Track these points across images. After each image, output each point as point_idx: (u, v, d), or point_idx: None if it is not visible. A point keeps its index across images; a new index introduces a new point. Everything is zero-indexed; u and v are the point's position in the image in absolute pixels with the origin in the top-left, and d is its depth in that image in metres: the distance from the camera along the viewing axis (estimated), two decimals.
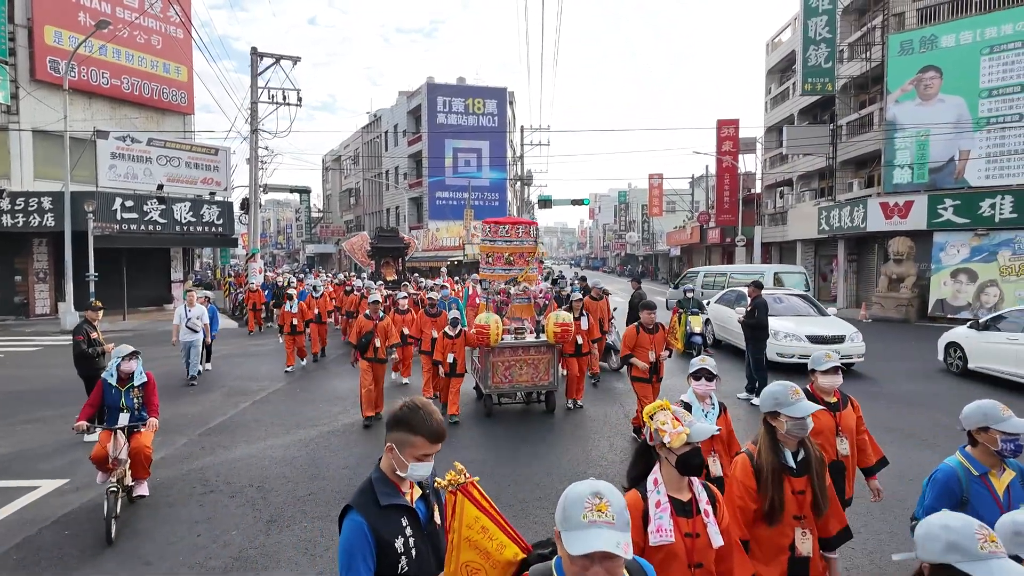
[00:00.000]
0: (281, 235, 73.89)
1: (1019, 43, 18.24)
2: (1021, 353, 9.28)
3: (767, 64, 33.77)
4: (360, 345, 8.00)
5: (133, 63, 23.05)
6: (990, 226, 17.97)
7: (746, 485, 2.73)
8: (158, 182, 22.31)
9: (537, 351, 8.15)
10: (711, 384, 3.94)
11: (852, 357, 10.77)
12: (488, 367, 8.01)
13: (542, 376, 8.20)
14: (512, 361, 8.08)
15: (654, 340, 6.93)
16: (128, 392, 5.37)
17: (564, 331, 7.87)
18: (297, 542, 4.69)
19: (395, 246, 19.13)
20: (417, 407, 1.96)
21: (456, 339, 8.06)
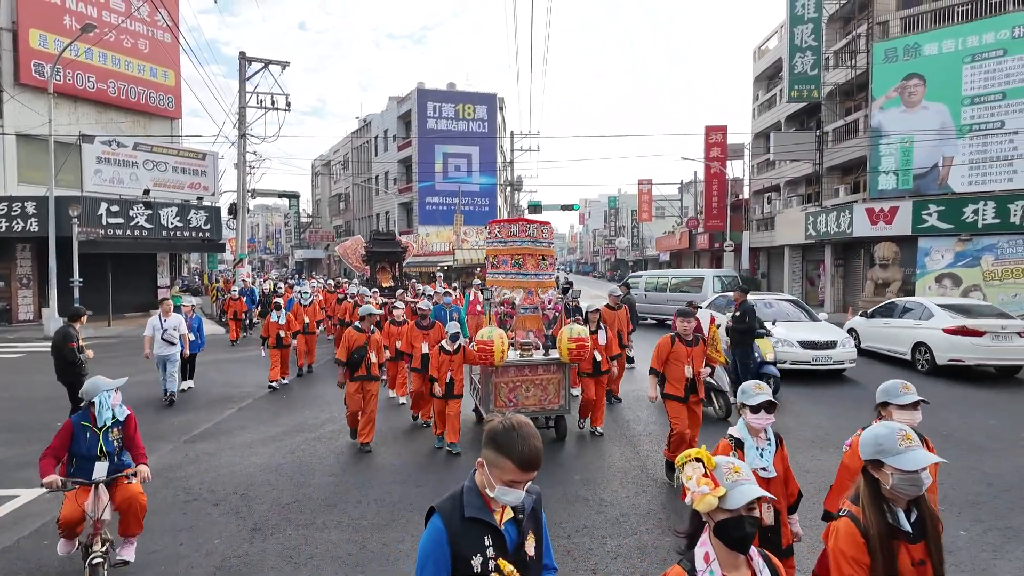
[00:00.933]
0: (270, 240, 73.51)
1: (1000, 52, 18.55)
2: (890, 334, 12.49)
3: (754, 71, 34.10)
4: (351, 362, 6.96)
5: (119, 67, 22.87)
6: (973, 232, 18.21)
7: (858, 560, 2.09)
8: (144, 187, 22.11)
9: (546, 371, 7.19)
10: (771, 416, 3.23)
11: (844, 363, 10.76)
12: (490, 388, 7.03)
13: (552, 399, 7.24)
14: (518, 382, 7.09)
15: (692, 353, 5.87)
16: (106, 435, 4.12)
17: (580, 348, 6.84)
18: (281, 550, 4.64)
19: (392, 250, 17.40)
20: (512, 428, 1.75)
21: (455, 355, 6.90)
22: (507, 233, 7.79)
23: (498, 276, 7.88)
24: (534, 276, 7.77)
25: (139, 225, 20.73)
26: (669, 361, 5.93)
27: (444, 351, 6.92)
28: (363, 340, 7.02)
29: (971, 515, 5.17)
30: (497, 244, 7.96)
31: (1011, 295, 17.51)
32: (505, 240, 7.80)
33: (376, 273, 17.05)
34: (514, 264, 7.74)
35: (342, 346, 7.08)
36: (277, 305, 10.93)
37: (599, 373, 7.50)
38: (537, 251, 7.79)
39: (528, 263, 7.75)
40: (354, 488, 5.88)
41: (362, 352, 6.98)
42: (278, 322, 10.61)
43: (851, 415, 8.30)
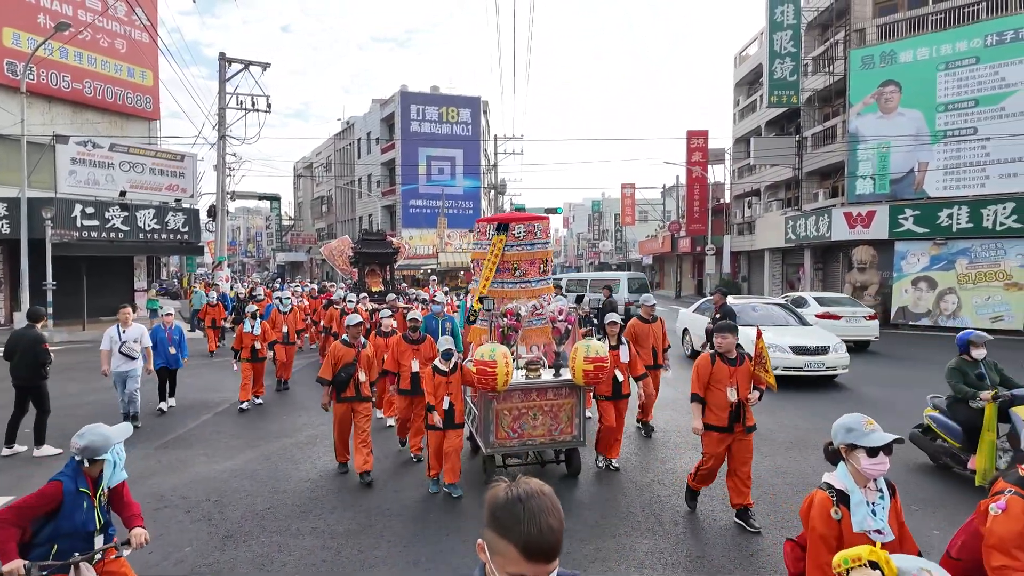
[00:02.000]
0: (251, 243, 72.71)
1: (972, 60, 18.95)
2: None
3: (735, 77, 34.49)
4: (337, 381, 6.08)
5: (96, 67, 22.49)
6: (948, 235, 18.55)
7: None
8: (121, 188, 21.74)
9: (557, 394, 5.93)
10: (887, 461, 2.48)
11: (836, 368, 10.44)
12: (490, 416, 5.79)
13: (563, 428, 5.97)
14: (523, 409, 5.87)
15: (736, 374, 4.88)
16: (100, 501, 3.08)
17: (599, 369, 5.65)
18: (254, 558, 4.54)
19: (382, 251, 15.67)
20: (518, 499, 1.29)
21: (451, 376, 5.69)
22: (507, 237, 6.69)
23: (496, 287, 6.72)
24: (534, 284, 6.75)
25: (115, 227, 20.36)
26: (710, 385, 5.00)
27: (439, 372, 5.69)
28: (351, 356, 6.14)
29: (943, 515, 5.22)
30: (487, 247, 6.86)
31: (984, 297, 17.85)
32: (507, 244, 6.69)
33: (365, 276, 15.32)
34: (514, 271, 6.68)
35: (326, 362, 6.19)
36: (252, 314, 9.60)
37: (620, 396, 6.36)
38: (538, 255, 6.77)
39: (530, 270, 6.70)
40: (330, 494, 5.79)
41: (350, 370, 6.11)
42: (251, 333, 9.32)
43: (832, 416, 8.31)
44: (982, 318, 17.64)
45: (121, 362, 7.93)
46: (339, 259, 19.85)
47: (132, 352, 7.97)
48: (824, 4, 24.49)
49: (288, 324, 10.80)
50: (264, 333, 9.52)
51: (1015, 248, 17.47)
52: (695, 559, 4.51)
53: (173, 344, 9.04)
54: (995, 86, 18.58)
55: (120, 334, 7.91)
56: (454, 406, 5.67)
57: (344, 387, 6.13)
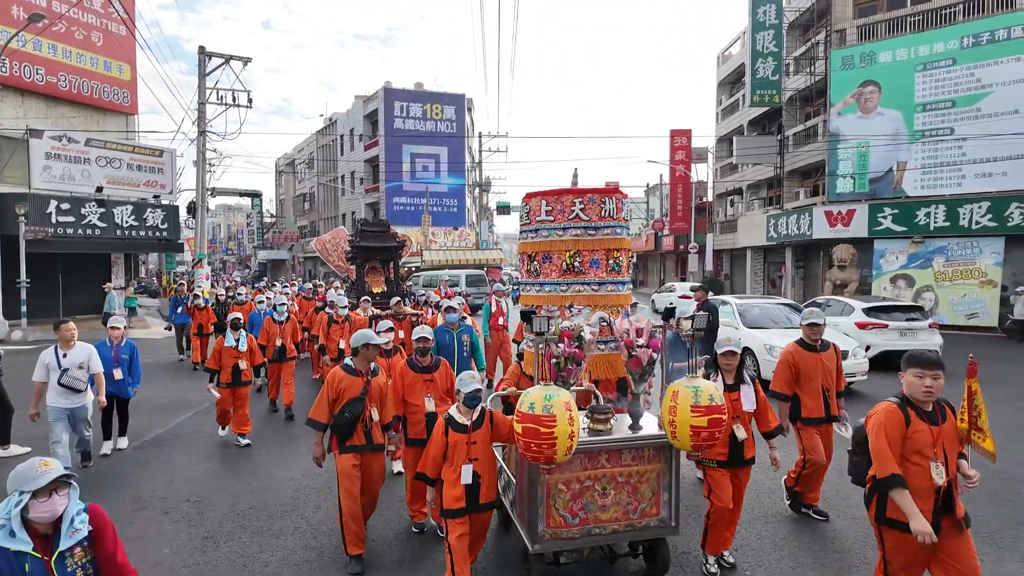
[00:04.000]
0: (232, 241, 71.81)
1: (949, 61, 19.26)
2: None
3: (718, 76, 34.75)
4: (342, 424, 4.30)
5: (71, 60, 21.99)
6: (926, 234, 18.86)
7: None
8: (97, 184, 21.30)
9: (638, 458, 3.94)
10: None
11: (855, 375, 9.29)
12: (539, 494, 3.75)
13: (647, 509, 3.95)
14: (587, 480, 3.84)
15: (941, 435, 3.07)
16: (61, 564, 2.31)
17: (716, 424, 3.60)
18: (234, 559, 4.47)
19: (385, 245, 13.12)
20: None
21: (476, 433, 3.78)
22: (555, 213, 4.81)
23: (546, 290, 4.85)
24: (600, 287, 4.72)
25: (92, 224, 19.96)
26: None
27: (456, 427, 3.77)
28: (358, 388, 4.36)
29: None
30: (541, 235, 4.93)
31: (960, 295, 18.18)
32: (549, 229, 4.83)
33: (364, 275, 12.84)
34: (568, 267, 4.73)
35: (321, 397, 4.37)
36: (235, 323, 7.39)
37: (740, 463, 4.25)
38: (607, 244, 4.77)
39: (595, 266, 4.76)
40: (313, 493, 5.71)
41: (356, 409, 4.31)
42: (235, 348, 7.23)
43: None
44: (958, 315, 17.97)
45: (61, 396, 5.80)
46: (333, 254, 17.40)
47: (76, 383, 5.82)
48: (805, 5, 24.75)
49: (285, 336, 8.74)
50: (251, 350, 7.43)
51: (990, 246, 17.81)
52: None
53: (121, 366, 6.74)
54: (971, 87, 18.91)
55: (59, 359, 5.84)
56: (480, 479, 3.74)
57: (349, 432, 4.33)
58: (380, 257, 13.26)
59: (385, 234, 13.53)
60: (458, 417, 3.81)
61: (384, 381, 4.71)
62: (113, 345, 6.81)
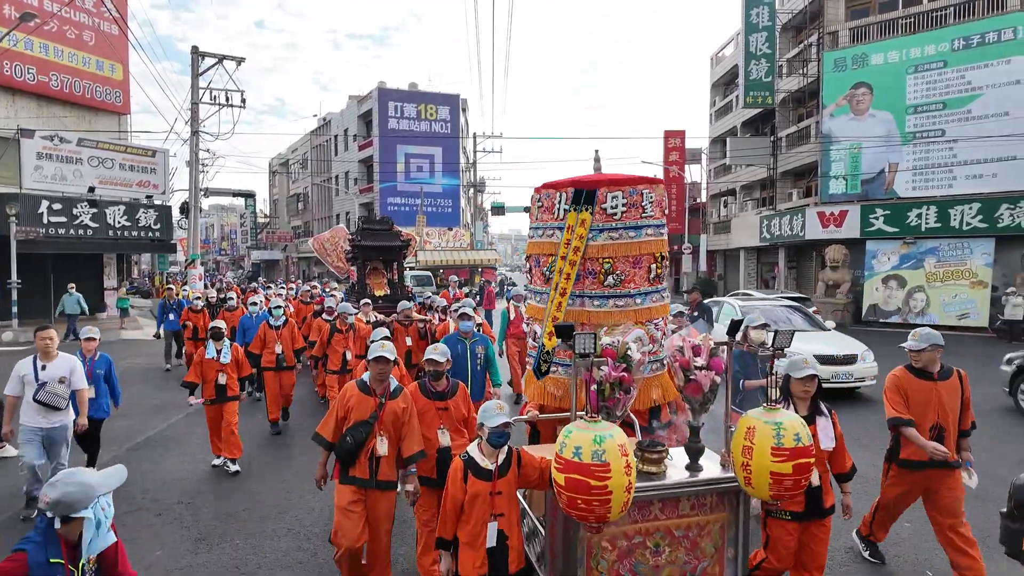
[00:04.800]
0: (225, 241, 71.53)
1: (940, 63, 19.41)
2: None
3: (712, 77, 34.88)
4: (342, 448, 3.72)
5: (63, 59, 21.86)
6: (917, 235, 18.99)
7: None
8: (89, 184, 21.19)
9: (698, 507, 3.23)
10: None
11: (864, 380, 9.21)
12: (576, 553, 3.02)
13: (709, 569, 3.24)
14: (638, 536, 3.13)
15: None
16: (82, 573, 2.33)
17: (803, 470, 2.88)
18: (228, 561, 4.47)
19: (388, 244, 12.11)
20: None
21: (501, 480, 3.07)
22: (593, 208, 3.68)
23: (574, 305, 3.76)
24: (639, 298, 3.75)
25: (84, 224, 19.85)
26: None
27: (478, 473, 3.04)
28: (368, 410, 3.73)
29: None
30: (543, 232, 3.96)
31: (951, 296, 18.31)
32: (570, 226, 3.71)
33: (366, 277, 11.90)
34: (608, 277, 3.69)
35: (331, 412, 3.84)
36: (216, 332, 6.51)
37: (817, 514, 3.53)
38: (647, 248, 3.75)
39: (633, 273, 3.72)
40: (306, 495, 5.71)
41: (361, 434, 3.69)
42: (217, 360, 6.37)
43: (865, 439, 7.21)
44: (949, 315, 18.11)
45: (38, 415, 5.04)
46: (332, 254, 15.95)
47: (55, 400, 5.00)
48: (798, 7, 24.89)
49: (283, 343, 7.93)
50: (237, 361, 6.55)
51: (980, 247, 17.95)
52: None
53: (95, 383, 5.78)
54: (961, 89, 19.06)
55: (37, 371, 5.08)
56: (507, 541, 3.06)
57: (351, 460, 3.70)
58: (383, 257, 12.19)
59: (388, 233, 12.41)
60: (480, 460, 3.05)
61: (405, 406, 3.83)
62: (86, 359, 5.78)
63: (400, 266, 12.62)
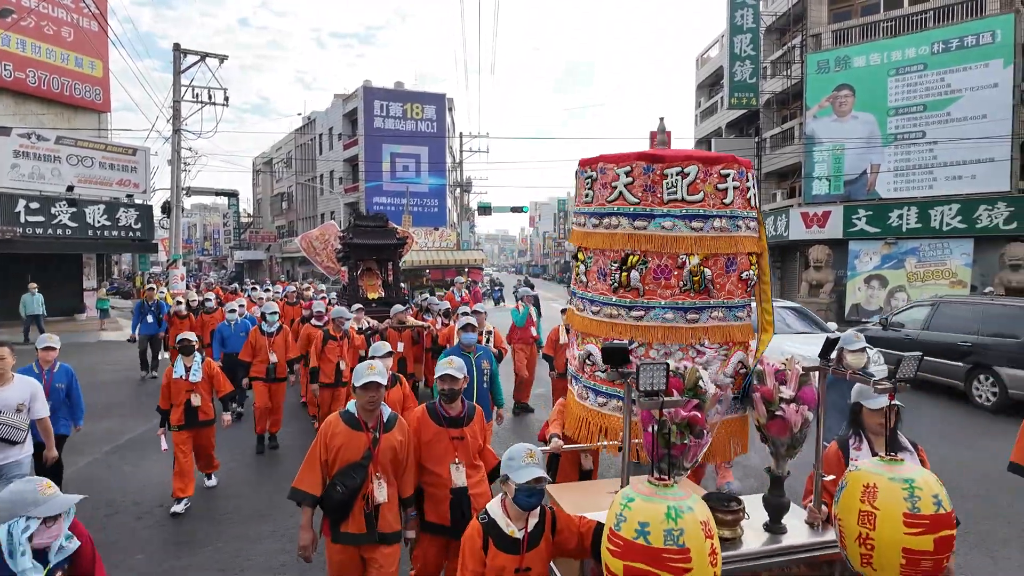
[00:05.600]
0: (208, 241, 70.72)
1: (920, 66, 19.70)
2: None
3: (697, 79, 35.11)
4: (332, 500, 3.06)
5: (40, 55, 21.48)
6: (898, 235, 19.26)
7: None
8: (68, 183, 20.83)
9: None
10: None
11: None
12: None
13: None
14: None
15: None
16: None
17: (946, 549, 2.07)
18: (210, 564, 4.39)
19: (383, 243, 11.03)
20: None
21: (532, 553, 2.42)
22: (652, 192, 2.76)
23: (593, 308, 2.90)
24: (726, 313, 2.84)
25: (62, 224, 19.51)
26: None
27: (500, 541, 2.43)
28: (360, 448, 3.05)
29: None
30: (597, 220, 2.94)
31: (932, 295, 18.59)
32: (644, 215, 2.76)
33: (358, 278, 10.87)
34: (686, 282, 2.74)
35: (312, 455, 3.10)
36: (185, 345, 5.58)
37: None
38: (741, 244, 2.89)
39: (722, 281, 2.82)
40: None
41: (354, 480, 3.02)
42: (185, 379, 5.43)
43: None
44: None
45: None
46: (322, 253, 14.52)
47: (11, 433, 4.16)
48: (782, 9, 25.13)
49: (277, 351, 7.13)
50: (211, 378, 5.59)
51: (960, 247, 18.24)
52: None
53: (54, 399, 5.00)
54: (941, 92, 19.35)
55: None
56: None
57: (342, 513, 3.03)
58: (377, 256, 11.16)
59: (383, 230, 11.33)
60: (504, 524, 2.41)
61: (403, 439, 3.17)
62: (44, 372, 5.03)
63: (396, 266, 11.52)
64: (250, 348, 7.13)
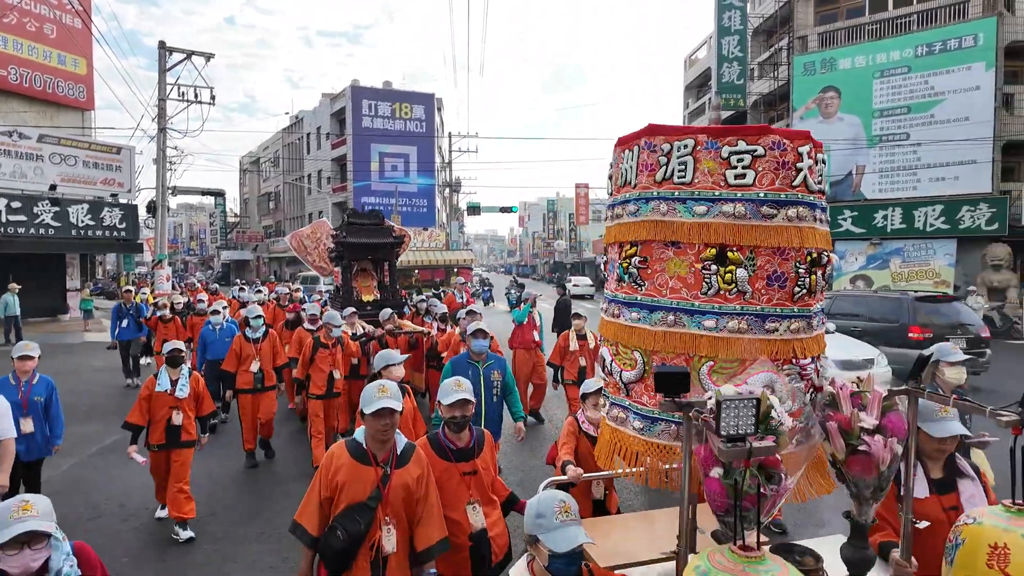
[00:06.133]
0: (194, 241, 70.08)
1: (905, 69, 19.95)
2: None
3: (685, 80, 35.31)
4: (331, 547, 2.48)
5: (22, 52, 21.16)
6: (883, 236, 19.50)
7: None
8: (51, 182, 20.55)
9: None
10: None
11: None
12: None
13: None
14: None
15: None
16: None
17: None
18: (196, 566, 4.35)
19: (379, 241, 10.40)
20: None
21: None
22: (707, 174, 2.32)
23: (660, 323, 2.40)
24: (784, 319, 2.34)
25: (45, 223, 19.24)
26: None
27: None
28: (367, 487, 2.55)
29: None
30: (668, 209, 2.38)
31: None
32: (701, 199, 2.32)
33: (352, 279, 10.18)
34: (802, 284, 2.35)
35: (312, 490, 2.61)
36: (174, 356, 4.96)
37: None
38: (813, 237, 2.37)
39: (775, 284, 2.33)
40: (278, 498, 5.60)
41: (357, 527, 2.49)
42: (171, 394, 4.87)
43: None
44: None
45: None
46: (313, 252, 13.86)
47: None
48: (769, 11, 25.34)
49: (263, 358, 6.61)
50: (197, 395, 5.04)
51: (943, 248, 18.50)
52: None
53: (33, 413, 4.58)
54: (925, 94, 19.62)
55: None
56: None
57: (343, 563, 2.51)
58: (372, 256, 10.47)
59: (379, 228, 10.60)
60: None
61: (420, 473, 2.65)
62: (21, 384, 4.56)
63: (392, 266, 10.82)
64: (235, 357, 6.54)
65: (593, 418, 3.47)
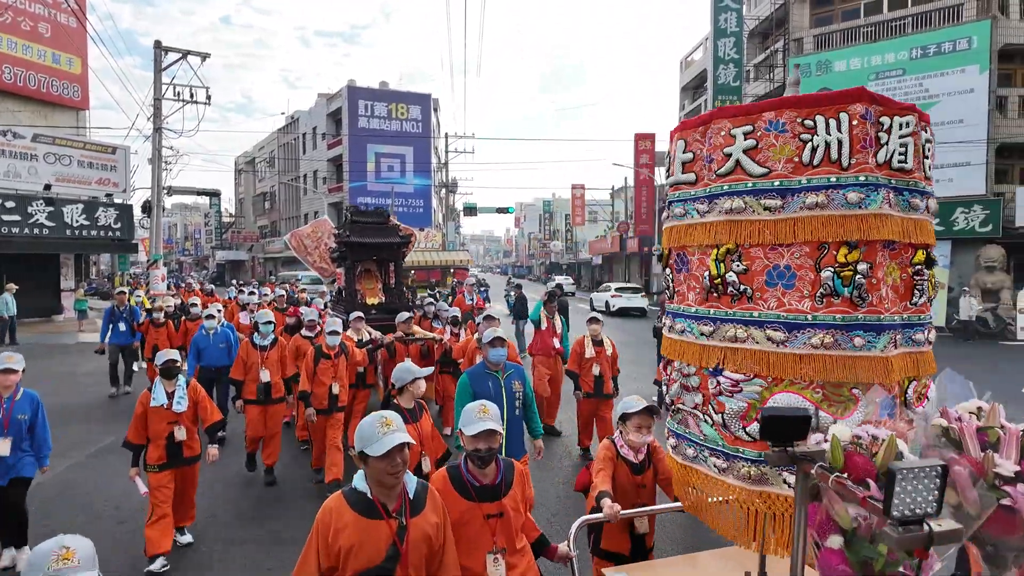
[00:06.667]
0: (189, 241, 69.87)
1: (899, 71, 20.06)
2: None
3: (681, 81, 35.40)
4: None
5: (16, 51, 21.07)
6: None
7: None
8: (45, 182, 20.46)
9: None
10: None
11: None
12: None
13: None
14: None
15: None
16: None
17: None
18: (193, 568, 4.34)
19: (384, 240, 9.49)
20: None
21: None
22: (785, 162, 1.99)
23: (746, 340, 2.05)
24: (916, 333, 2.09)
25: (39, 223, 19.17)
26: None
27: None
28: (380, 548, 2.04)
29: None
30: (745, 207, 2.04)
31: None
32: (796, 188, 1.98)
33: (356, 280, 9.44)
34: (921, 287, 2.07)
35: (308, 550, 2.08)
36: (168, 368, 4.56)
37: None
38: (919, 231, 2.05)
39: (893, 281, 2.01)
40: (274, 501, 5.59)
41: None
42: (168, 408, 4.46)
43: None
44: None
45: None
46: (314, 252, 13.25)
47: None
48: (764, 13, 25.43)
49: (271, 368, 6.08)
50: (199, 405, 4.65)
51: (937, 250, 18.15)
52: None
53: (14, 432, 4.21)
54: (919, 96, 19.71)
55: None
56: None
57: None
58: (377, 256, 9.75)
59: (384, 227, 9.82)
60: None
61: (438, 521, 2.22)
62: (2, 400, 4.19)
63: (399, 267, 10.02)
64: (242, 365, 6.04)
65: (635, 442, 3.08)
